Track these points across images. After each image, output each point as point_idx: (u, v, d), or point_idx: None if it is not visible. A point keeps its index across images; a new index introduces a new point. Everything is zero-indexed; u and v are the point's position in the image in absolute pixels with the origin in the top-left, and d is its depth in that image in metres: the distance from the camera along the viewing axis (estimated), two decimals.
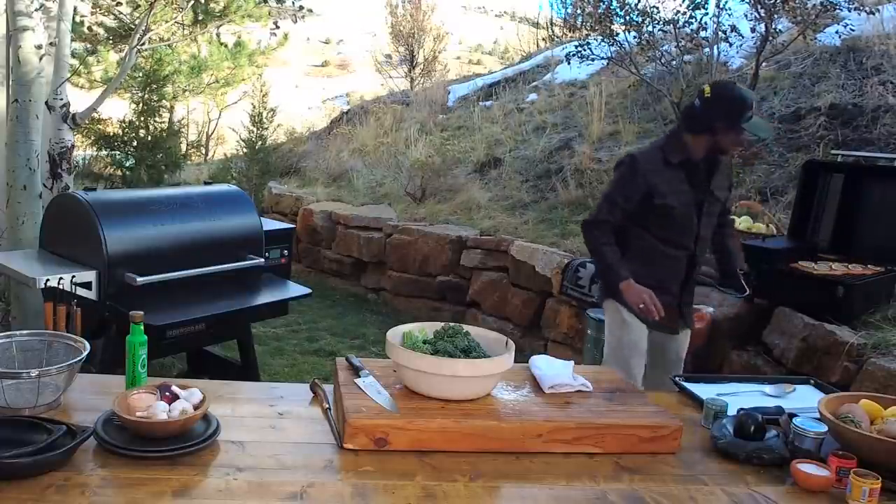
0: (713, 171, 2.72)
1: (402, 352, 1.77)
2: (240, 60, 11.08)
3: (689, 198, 2.68)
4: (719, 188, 2.77)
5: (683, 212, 2.68)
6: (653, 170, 2.67)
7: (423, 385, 1.75)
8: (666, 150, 2.72)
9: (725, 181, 2.83)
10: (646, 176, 2.66)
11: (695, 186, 2.69)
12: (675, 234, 2.71)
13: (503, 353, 1.81)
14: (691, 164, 2.68)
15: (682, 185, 2.67)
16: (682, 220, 2.69)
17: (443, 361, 1.73)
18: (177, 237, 3.50)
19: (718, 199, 2.78)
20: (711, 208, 2.74)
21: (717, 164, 2.73)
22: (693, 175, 2.69)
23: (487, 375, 1.78)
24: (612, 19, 6.09)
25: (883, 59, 5.66)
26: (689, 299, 2.83)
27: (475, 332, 1.91)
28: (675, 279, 2.73)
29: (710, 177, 2.71)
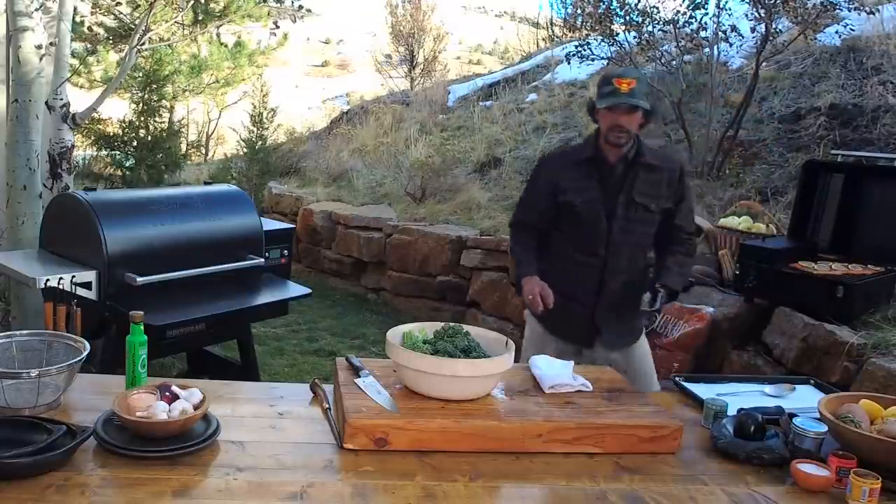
0: (636, 174, 2.50)
1: (402, 352, 1.77)
2: (240, 60, 11.08)
3: (596, 197, 2.51)
4: (646, 195, 2.51)
5: (588, 210, 2.51)
6: (558, 167, 2.60)
7: (423, 385, 1.75)
8: (578, 146, 2.68)
9: (662, 190, 2.54)
10: (549, 173, 2.60)
11: (607, 187, 2.51)
12: (583, 237, 2.54)
13: (503, 353, 1.81)
14: (601, 162, 2.52)
15: (588, 183, 2.52)
16: (589, 221, 2.52)
17: (443, 361, 1.73)
18: (177, 237, 3.50)
19: (645, 206, 2.52)
20: (632, 214, 2.51)
21: (644, 169, 2.50)
22: (604, 174, 2.52)
23: (487, 375, 1.78)
24: (612, 19, 6.09)
25: (883, 59, 5.66)
26: (613, 315, 2.54)
27: (475, 332, 1.91)
28: (584, 288, 2.53)
29: (633, 180, 2.50)
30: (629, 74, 2.42)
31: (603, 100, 2.41)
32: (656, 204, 2.56)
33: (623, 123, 2.41)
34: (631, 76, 2.41)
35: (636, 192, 2.52)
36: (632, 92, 2.37)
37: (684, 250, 2.63)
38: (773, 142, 5.44)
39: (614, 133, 2.44)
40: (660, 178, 2.55)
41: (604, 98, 2.41)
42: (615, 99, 2.39)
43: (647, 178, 2.53)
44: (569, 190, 2.54)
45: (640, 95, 2.39)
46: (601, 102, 2.42)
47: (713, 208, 4.89)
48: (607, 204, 2.52)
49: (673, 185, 2.58)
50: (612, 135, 2.45)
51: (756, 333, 3.40)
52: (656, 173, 2.54)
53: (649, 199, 2.54)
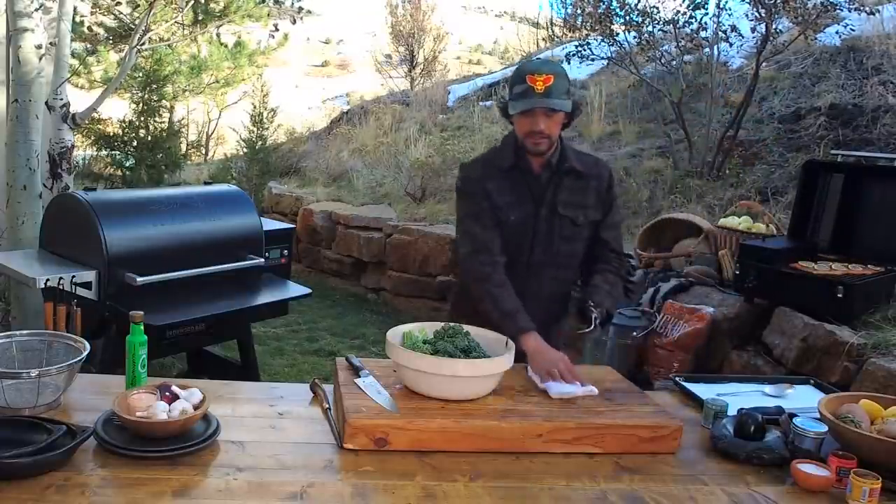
0: (560, 183, 2.19)
1: (402, 352, 1.77)
2: (240, 60, 11.08)
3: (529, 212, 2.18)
4: (571, 206, 2.20)
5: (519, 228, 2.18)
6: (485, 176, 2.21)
7: (423, 385, 1.75)
8: (499, 152, 2.27)
9: (589, 199, 2.23)
10: (481, 183, 2.19)
11: (534, 200, 2.19)
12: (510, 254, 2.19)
13: (503, 354, 1.81)
14: (526, 170, 2.19)
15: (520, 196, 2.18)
16: (513, 241, 2.19)
17: (443, 361, 1.73)
18: (177, 237, 3.50)
19: (571, 220, 2.20)
20: (556, 230, 2.20)
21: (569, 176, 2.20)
22: (531, 184, 2.19)
23: (487, 375, 1.78)
24: (612, 19, 6.09)
25: (883, 59, 5.66)
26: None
27: (475, 332, 1.91)
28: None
29: (556, 190, 2.19)
30: (545, 70, 2.07)
31: (515, 103, 2.09)
32: (583, 216, 2.23)
33: (542, 129, 2.08)
34: (547, 71, 2.07)
35: (560, 204, 2.19)
36: (548, 91, 2.04)
37: (613, 269, 2.29)
38: (773, 142, 5.44)
39: (532, 140, 2.11)
40: (586, 186, 2.23)
41: (516, 100, 2.09)
42: (529, 102, 2.06)
43: (572, 187, 2.21)
44: (502, 206, 2.18)
45: (559, 94, 2.06)
46: (513, 107, 2.10)
47: (713, 208, 4.89)
48: (529, 220, 2.20)
49: (601, 195, 2.26)
50: (529, 142, 2.12)
51: (756, 333, 3.40)
52: (582, 181, 2.22)
53: (575, 211, 2.21)
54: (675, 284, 3.73)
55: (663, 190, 5.46)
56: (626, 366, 3.44)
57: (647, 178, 5.66)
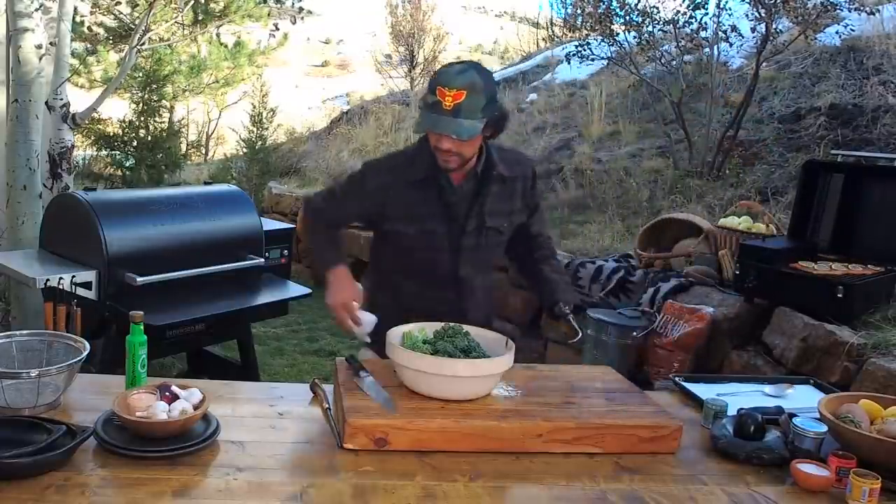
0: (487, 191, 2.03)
1: (402, 352, 1.77)
2: (240, 60, 11.09)
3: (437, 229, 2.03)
4: (499, 215, 2.07)
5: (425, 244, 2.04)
6: (388, 183, 2.01)
7: (423, 385, 1.75)
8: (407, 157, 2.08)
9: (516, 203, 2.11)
10: (380, 188, 2.02)
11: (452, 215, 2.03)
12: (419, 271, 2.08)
13: (503, 354, 1.81)
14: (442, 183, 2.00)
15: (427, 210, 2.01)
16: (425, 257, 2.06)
17: (443, 361, 1.73)
18: (177, 237, 3.51)
19: (497, 230, 2.08)
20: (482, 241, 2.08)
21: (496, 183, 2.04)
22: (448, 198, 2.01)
23: (487, 375, 1.78)
24: (612, 19, 6.09)
25: (883, 59, 5.66)
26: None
27: (475, 332, 1.91)
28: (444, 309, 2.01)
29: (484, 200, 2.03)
30: (456, 84, 1.82)
31: (423, 114, 1.89)
32: (509, 223, 2.11)
33: (447, 148, 1.88)
34: (458, 86, 1.82)
35: (488, 214, 2.03)
36: (456, 110, 1.82)
37: (550, 253, 2.21)
38: (773, 142, 5.44)
39: (440, 156, 1.92)
40: (513, 191, 2.08)
41: (423, 113, 1.89)
42: (432, 120, 1.86)
43: (499, 194, 2.05)
44: (400, 218, 2.01)
45: (469, 113, 1.83)
46: (419, 124, 1.92)
47: (713, 208, 4.89)
48: (451, 235, 2.03)
49: (527, 195, 2.13)
50: (438, 157, 1.94)
51: (756, 333, 3.40)
52: (509, 184, 2.07)
53: (502, 220, 2.07)
54: (675, 284, 3.73)
55: (663, 190, 5.46)
56: (626, 366, 3.44)
57: (647, 178, 5.66)
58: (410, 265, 2.09)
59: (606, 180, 5.87)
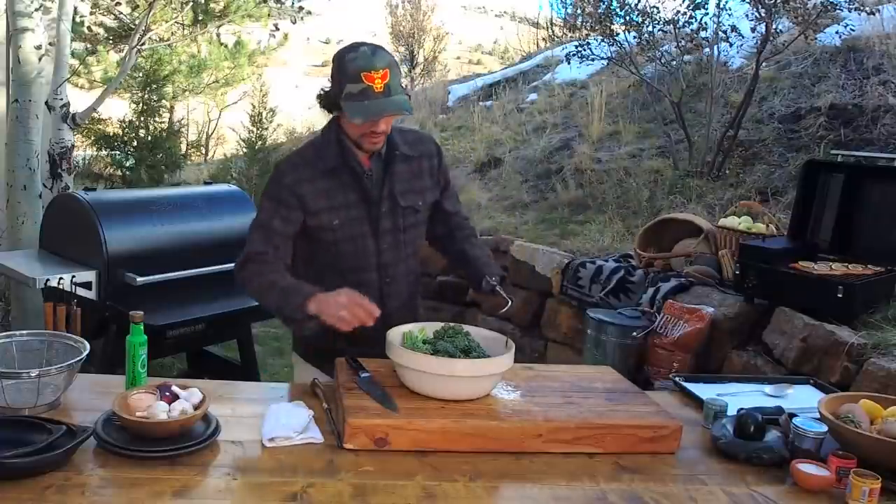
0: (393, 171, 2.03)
1: (403, 352, 1.77)
2: (240, 60, 11.08)
3: (359, 215, 2.01)
4: (410, 193, 2.06)
5: (349, 234, 2.01)
6: (302, 178, 1.98)
7: (423, 385, 1.75)
8: (315, 147, 2.05)
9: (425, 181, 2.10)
10: (294, 186, 1.97)
11: (367, 198, 2.01)
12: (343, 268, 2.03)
13: (503, 353, 1.81)
14: (353, 167, 1.99)
15: (345, 197, 1.99)
16: (350, 248, 2.02)
17: (442, 361, 1.73)
18: (177, 237, 3.51)
19: (413, 208, 2.07)
20: (400, 222, 2.06)
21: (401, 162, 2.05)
22: (360, 182, 2.00)
23: (487, 375, 1.78)
24: (612, 19, 6.09)
25: (883, 59, 5.66)
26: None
27: (475, 332, 1.91)
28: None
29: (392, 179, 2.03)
30: (379, 64, 1.83)
31: (354, 105, 1.84)
32: (423, 200, 2.10)
33: (383, 129, 1.91)
34: (382, 65, 1.83)
35: (399, 194, 2.04)
36: (388, 89, 1.84)
37: (470, 232, 2.21)
38: (773, 142, 5.44)
39: (370, 140, 1.93)
40: (420, 169, 2.09)
41: (354, 103, 1.84)
42: (375, 106, 1.83)
43: (406, 173, 2.05)
44: (321, 210, 1.98)
45: (398, 90, 1.86)
46: (354, 115, 1.85)
47: (713, 208, 4.89)
48: (370, 218, 2.02)
49: (434, 173, 2.13)
50: (366, 141, 1.93)
51: (756, 333, 3.40)
52: (415, 163, 2.08)
53: (415, 198, 2.07)
54: (675, 284, 3.73)
55: (663, 190, 5.46)
56: (626, 366, 3.43)
57: (647, 178, 5.66)
58: (335, 258, 2.05)
59: (606, 180, 5.87)
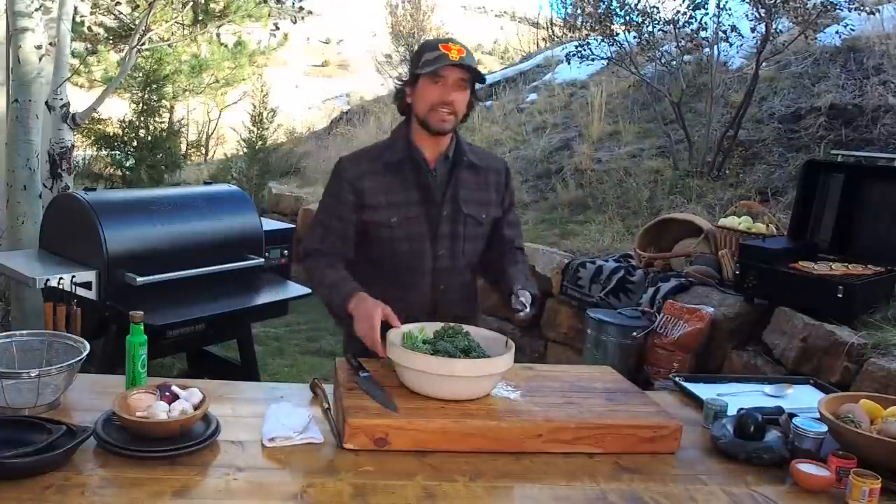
0: (458, 177, 2.02)
1: (403, 352, 1.77)
2: (240, 60, 11.09)
3: (418, 213, 1.99)
4: (474, 203, 2.04)
5: (407, 232, 1.99)
6: (362, 173, 1.99)
7: (424, 385, 1.75)
8: (382, 145, 2.07)
9: (490, 195, 2.09)
10: (353, 181, 1.99)
11: (428, 198, 2.00)
12: (397, 268, 2.00)
13: (503, 353, 1.81)
14: (418, 163, 1.99)
15: (406, 195, 1.99)
16: (406, 248, 2.00)
17: (442, 361, 1.73)
18: (177, 237, 3.51)
19: (475, 218, 2.04)
20: (459, 230, 2.03)
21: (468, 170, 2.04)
22: (423, 180, 1.99)
23: (487, 375, 1.78)
24: (612, 19, 6.09)
25: (883, 59, 5.66)
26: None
27: (475, 332, 1.91)
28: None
29: (457, 185, 2.02)
30: (457, 43, 1.91)
31: (428, 66, 1.88)
32: (486, 214, 2.07)
33: (452, 99, 1.90)
34: (460, 45, 1.91)
35: (463, 201, 2.01)
36: (461, 60, 1.88)
37: (519, 260, 2.13)
38: (773, 142, 5.44)
39: (437, 116, 1.91)
40: (486, 182, 2.08)
41: (429, 65, 1.88)
42: (445, 62, 1.86)
43: (472, 182, 2.04)
44: (380, 206, 1.97)
45: (473, 65, 1.92)
46: (426, 66, 1.88)
47: (713, 208, 4.89)
48: (430, 220, 2.00)
49: (500, 190, 2.12)
50: (434, 118, 1.92)
51: (756, 333, 3.40)
52: (482, 175, 2.07)
53: (478, 209, 2.04)
54: (675, 284, 3.73)
55: (663, 190, 5.46)
56: (626, 366, 3.44)
57: (647, 178, 5.66)
58: (390, 257, 2.03)
59: (606, 180, 5.87)
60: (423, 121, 1.96)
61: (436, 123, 1.93)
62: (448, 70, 1.89)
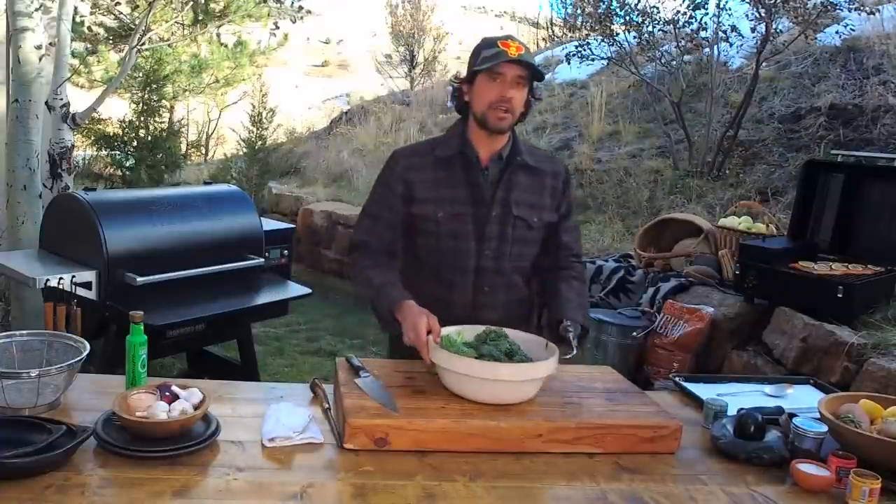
0: (512, 178, 1.99)
1: (448, 355, 1.74)
2: (240, 60, 11.08)
3: (465, 210, 1.97)
4: (526, 206, 2.01)
5: (453, 229, 1.97)
6: (414, 165, 1.99)
7: (465, 388, 1.74)
8: (440, 141, 2.06)
9: (545, 199, 2.04)
10: (404, 173, 1.99)
11: (478, 197, 1.98)
12: (440, 265, 1.97)
13: (545, 356, 1.80)
14: (471, 160, 1.98)
15: (454, 191, 1.97)
16: (451, 245, 1.98)
17: (486, 365, 1.71)
18: (177, 237, 3.51)
19: (525, 221, 2.01)
20: (508, 232, 2.00)
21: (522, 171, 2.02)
22: (474, 178, 1.98)
23: (532, 380, 1.76)
24: (612, 19, 6.09)
25: (883, 59, 5.66)
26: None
27: (514, 336, 1.89)
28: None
29: (509, 186, 1.99)
30: (516, 39, 1.91)
31: (487, 62, 1.88)
32: (538, 218, 2.03)
33: (511, 96, 1.89)
34: (518, 41, 1.91)
35: (514, 203, 1.99)
36: (520, 57, 1.89)
37: (576, 274, 2.08)
38: (773, 142, 5.44)
39: (496, 114, 1.90)
40: (541, 185, 2.04)
41: (486, 62, 1.88)
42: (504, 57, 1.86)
43: (526, 184, 2.01)
44: (428, 199, 1.97)
45: (533, 61, 1.93)
46: (485, 63, 1.88)
47: (713, 208, 4.90)
48: (477, 219, 1.98)
49: (557, 195, 2.07)
50: (492, 116, 1.91)
51: (756, 333, 3.40)
52: (538, 177, 2.03)
53: (530, 212, 2.01)
54: (675, 284, 3.73)
55: (663, 190, 5.46)
56: (626, 366, 3.44)
57: (647, 178, 5.66)
58: (435, 253, 2.01)
59: (606, 180, 5.88)
60: (480, 119, 1.94)
61: (494, 122, 1.92)
62: (506, 67, 1.88)
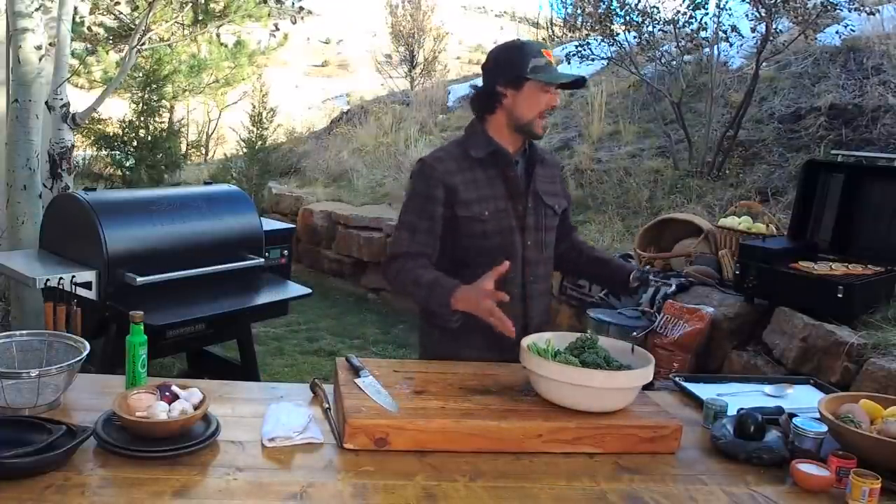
0: (534, 170, 2.09)
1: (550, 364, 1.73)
2: (240, 60, 11.08)
3: (505, 206, 2.03)
4: (550, 194, 2.12)
5: (499, 225, 2.02)
6: (452, 169, 2.02)
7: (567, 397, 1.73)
8: (467, 143, 2.08)
9: (557, 187, 2.19)
10: (444, 178, 2.00)
11: (513, 191, 2.05)
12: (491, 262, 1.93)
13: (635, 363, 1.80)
14: (503, 158, 2.04)
15: (493, 189, 2.03)
16: (499, 240, 2.03)
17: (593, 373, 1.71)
18: (177, 237, 3.51)
19: (552, 208, 2.12)
20: (542, 221, 2.09)
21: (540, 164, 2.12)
22: (508, 174, 2.05)
23: (633, 388, 1.76)
24: (612, 19, 6.09)
25: (883, 59, 5.66)
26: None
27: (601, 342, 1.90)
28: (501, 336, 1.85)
29: (534, 178, 2.09)
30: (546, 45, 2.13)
31: (550, 75, 1.95)
32: (558, 205, 2.16)
33: (555, 104, 2.01)
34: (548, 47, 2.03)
35: (542, 193, 2.10)
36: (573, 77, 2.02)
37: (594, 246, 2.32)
38: (773, 142, 5.44)
39: (540, 121, 2.01)
40: (553, 174, 2.19)
41: (542, 73, 1.94)
42: (565, 72, 2.01)
43: (543, 175, 2.13)
44: (472, 201, 2.00)
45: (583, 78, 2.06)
46: (551, 79, 1.95)
47: (713, 208, 4.89)
48: (517, 212, 2.06)
49: (562, 184, 2.26)
50: (538, 124, 2.00)
51: (756, 333, 3.40)
52: (550, 168, 2.19)
53: (553, 199, 2.13)
54: (676, 284, 3.73)
55: (663, 190, 5.46)
56: None
57: (647, 178, 5.66)
58: (482, 252, 2.03)
59: (606, 180, 5.88)
60: (525, 125, 2.01)
61: (539, 129, 2.02)
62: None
